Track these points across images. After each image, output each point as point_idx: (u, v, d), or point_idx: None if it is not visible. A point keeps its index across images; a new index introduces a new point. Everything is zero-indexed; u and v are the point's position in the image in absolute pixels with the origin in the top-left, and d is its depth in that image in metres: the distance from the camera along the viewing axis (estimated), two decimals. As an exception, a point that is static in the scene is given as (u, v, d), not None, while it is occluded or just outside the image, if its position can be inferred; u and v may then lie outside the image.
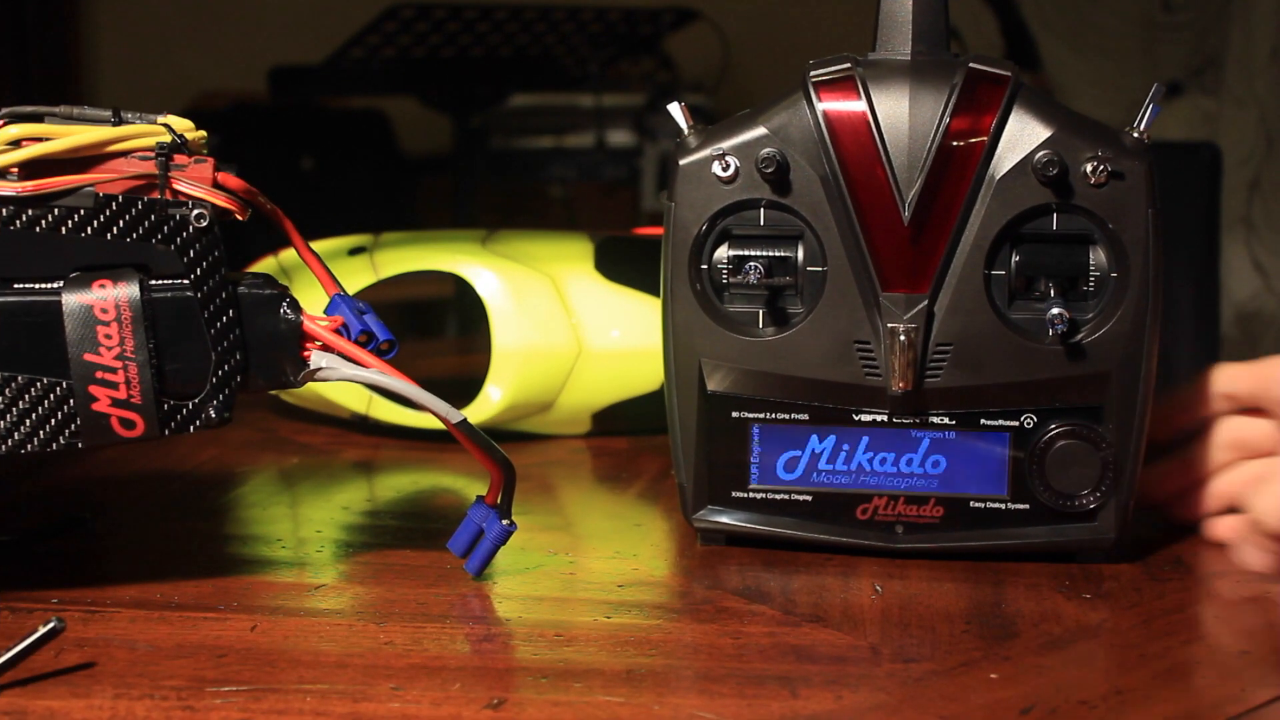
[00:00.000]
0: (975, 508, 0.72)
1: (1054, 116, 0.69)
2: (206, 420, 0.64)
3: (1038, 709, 0.56)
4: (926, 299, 0.69)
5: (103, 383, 0.62)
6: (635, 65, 2.44)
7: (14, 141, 0.62)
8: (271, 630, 0.63)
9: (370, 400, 0.95)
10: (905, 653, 0.61)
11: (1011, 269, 0.70)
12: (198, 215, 0.63)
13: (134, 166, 0.63)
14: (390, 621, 0.64)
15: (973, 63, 0.69)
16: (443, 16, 2.21)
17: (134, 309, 0.62)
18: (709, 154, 0.70)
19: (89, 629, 0.63)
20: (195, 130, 0.65)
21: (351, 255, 0.99)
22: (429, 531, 0.78)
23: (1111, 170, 0.68)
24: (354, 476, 0.91)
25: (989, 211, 0.69)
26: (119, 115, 0.64)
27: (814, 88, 0.70)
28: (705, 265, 0.72)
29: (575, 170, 2.41)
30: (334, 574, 0.72)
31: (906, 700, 0.57)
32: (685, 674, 0.59)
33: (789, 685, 0.58)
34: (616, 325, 0.94)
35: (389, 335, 0.67)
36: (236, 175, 0.65)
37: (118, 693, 0.56)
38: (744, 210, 0.71)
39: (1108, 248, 0.69)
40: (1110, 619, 0.66)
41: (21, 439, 0.63)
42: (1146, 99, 0.69)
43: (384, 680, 0.58)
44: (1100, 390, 0.70)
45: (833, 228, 0.70)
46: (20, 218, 0.62)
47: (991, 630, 0.64)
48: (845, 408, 0.71)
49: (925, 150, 0.68)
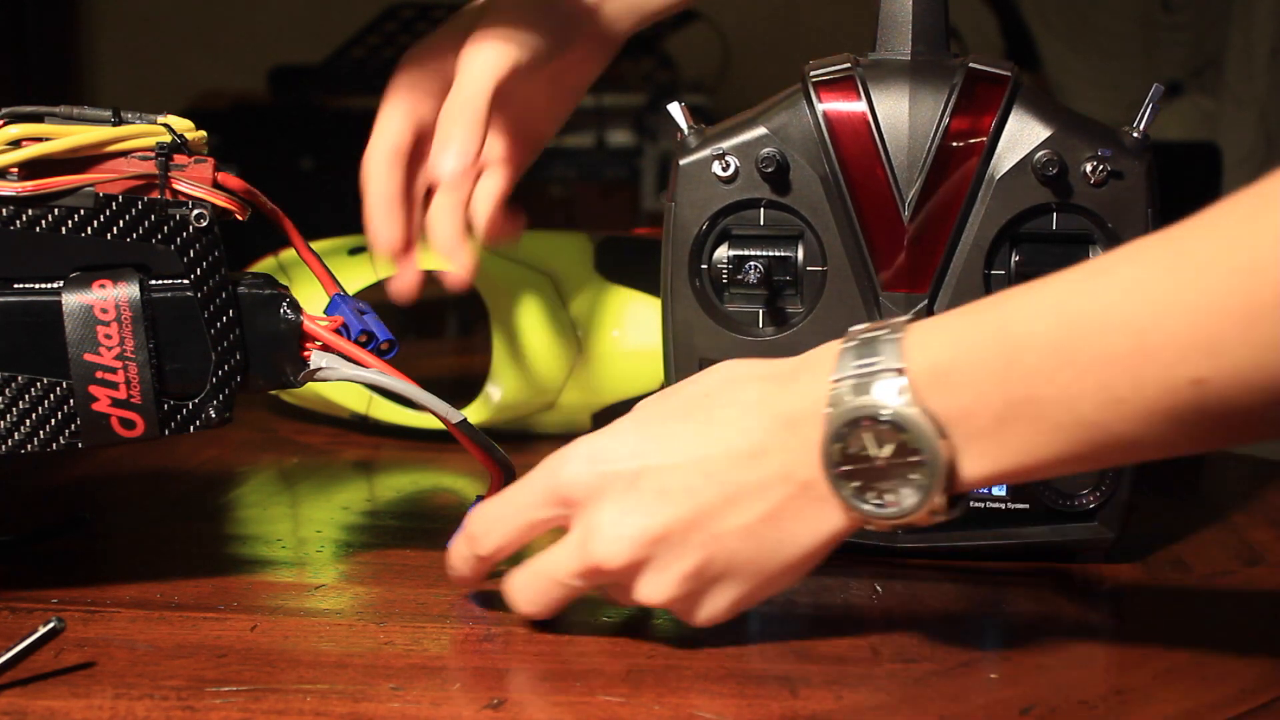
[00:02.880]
0: (975, 507, 0.71)
1: (1054, 116, 0.69)
2: (206, 420, 0.64)
3: (1038, 709, 0.56)
4: (926, 299, 0.69)
5: (103, 383, 0.62)
6: (635, 65, 2.44)
7: (14, 141, 0.62)
8: (271, 630, 0.63)
9: (370, 400, 0.95)
10: (905, 653, 0.61)
11: (1011, 269, 0.70)
12: (198, 215, 0.63)
13: (134, 166, 0.63)
14: (390, 621, 0.64)
15: (973, 63, 0.69)
16: (442, 16, 2.21)
17: (134, 309, 0.62)
18: (709, 154, 0.70)
19: (89, 629, 0.63)
20: (195, 130, 0.65)
21: (351, 255, 0.99)
22: (429, 531, 0.78)
23: (1111, 170, 0.68)
24: (354, 476, 0.91)
25: (989, 211, 0.69)
26: (119, 115, 0.64)
27: (814, 88, 0.70)
28: (705, 265, 0.72)
29: (575, 170, 2.40)
30: (334, 574, 0.72)
31: (906, 700, 0.57)
32: (685, 674, 0.59)
33: (789, 685, 0.58)
34: (616, 325, 0.94)
35: (389, 335, 0.67)
36: (237, 175, 0.65)
37: (118, 693, 0.56)
38: (744, 210, 0.71)
39: (1107, 247, 0.69)
40: (1110, 619, 0.66)
41: (21, 439, 0.63)
42: (1146, 99, 0.69)
43: (384, 680, 0.58)
44: (1100, 390, 0.70)
45: (833, 227, 0.70)
46: (20, 218, 0.62)
47: (991, 630, 0.64)
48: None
49: (925, 150, 0.68)
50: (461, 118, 0.76)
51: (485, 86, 0.77)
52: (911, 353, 0.55)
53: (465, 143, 0.76)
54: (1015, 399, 0.53)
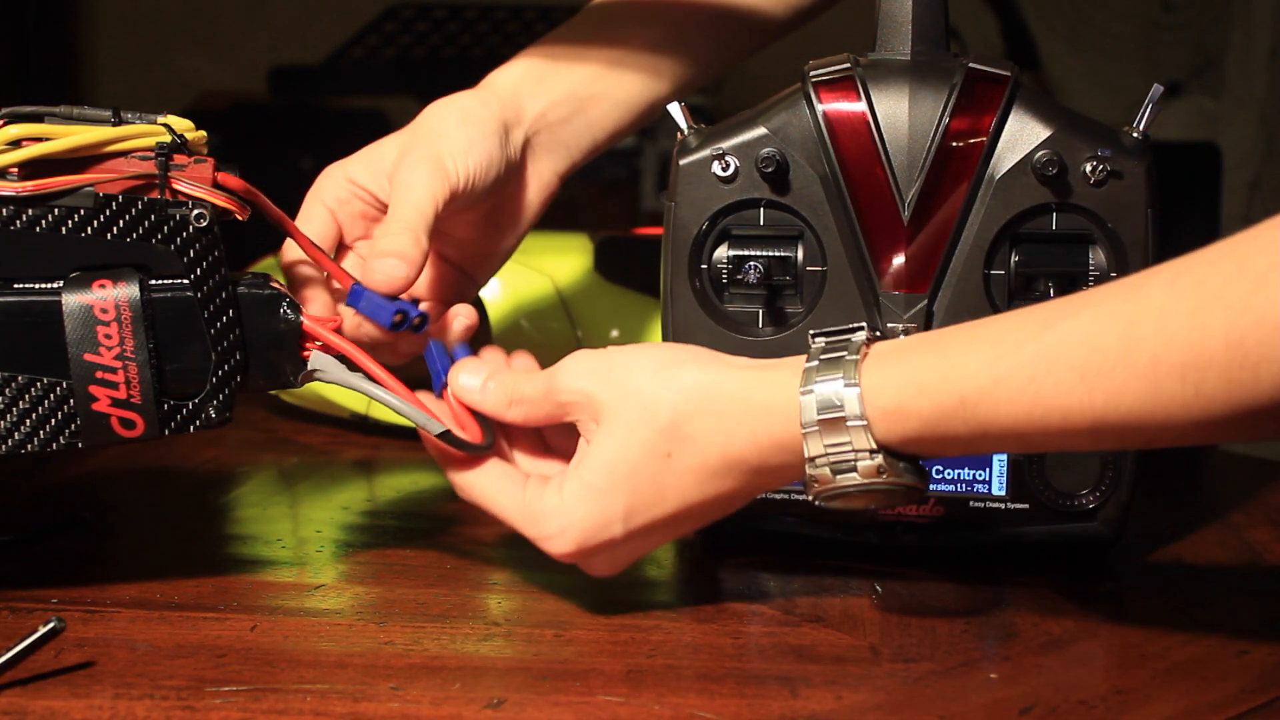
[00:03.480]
0: (975, 507, 0.71)
1: (1054, 116, 0.69)
2: (207, 420, 0.64)
3: (1038, 709, 0.56)
4: (926, 299, 0.69)
5: (103, 383, 0.62)
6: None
7: (14, 141, 0.62)
8: (271, 630, 0.63)
9: (370, 400, 0.95)
10: (905, 653, 0.61)
11: (1011, 268, 0.70)
12: (198, 215, 0.63)
13: (134, 166, 0.63)
14: (390, 621, 0.64)
15: (972, 63, 0.69)
16: (443, 16, 2.21)
17: (134, 309, 0.62)
18: (709, 154, 0.70)
19: (89, 629, 0.63)
20: (195, 130, 0.65)
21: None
22: (429, 531, 0.78)
23: (1111, 170, 0.68)
24: (354, 476, 0.91)
25: (988, 211, 0.69)
26: (119, 115, 0.64)
27: (814, 88, 0.70)
28: (705, 265, 0.72)
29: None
30: (334, 574, 0.72)
31: (906, 700, 0.57)
32: (685, 674, 0.59)
33: (789, 685, 0.58)
34: (616, 325, 0.94)
35: (418, 311, 0.69)
36: (237, 175, 0.65)
37: (118, 693, 0.56)
38: (744, 210, 0.71)
39: (1107, 247, 0.69)
40: (1110, 619, 0.66)
41: (22, 439, 0.63)
42: (1146, 99, 0.69)
43: (384, 680, 0.58)
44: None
45: (832, 228, 0.70)
46: (20, 218, 0.62)
47: (991, 630, 0.64)
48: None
49: (925, 150, 0.68)
50: (404, 235, 0.69)
51: (427, 211, 0.70)
52: (869, 400, 0.58)
53: (413, 259, 0.69)
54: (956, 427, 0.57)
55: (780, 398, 0.60)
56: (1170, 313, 0.52)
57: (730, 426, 0.60)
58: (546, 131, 0.77)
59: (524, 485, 0.65)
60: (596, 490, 0.62)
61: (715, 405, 0.61)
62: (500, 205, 0.76)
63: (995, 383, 0.56)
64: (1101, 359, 0.53)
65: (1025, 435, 0.56)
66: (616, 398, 0.62)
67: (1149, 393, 0.52)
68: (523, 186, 0.77)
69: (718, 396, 0.61)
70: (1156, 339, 0.52)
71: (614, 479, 0.61)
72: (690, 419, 0.61)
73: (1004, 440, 0.57)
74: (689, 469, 0.61)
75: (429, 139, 0.73)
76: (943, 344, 0.58)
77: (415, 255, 0.69)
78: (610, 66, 0.79)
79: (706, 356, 0.63)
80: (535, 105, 0.77)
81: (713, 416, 0.61)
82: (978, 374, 0.56)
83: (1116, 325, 0.53)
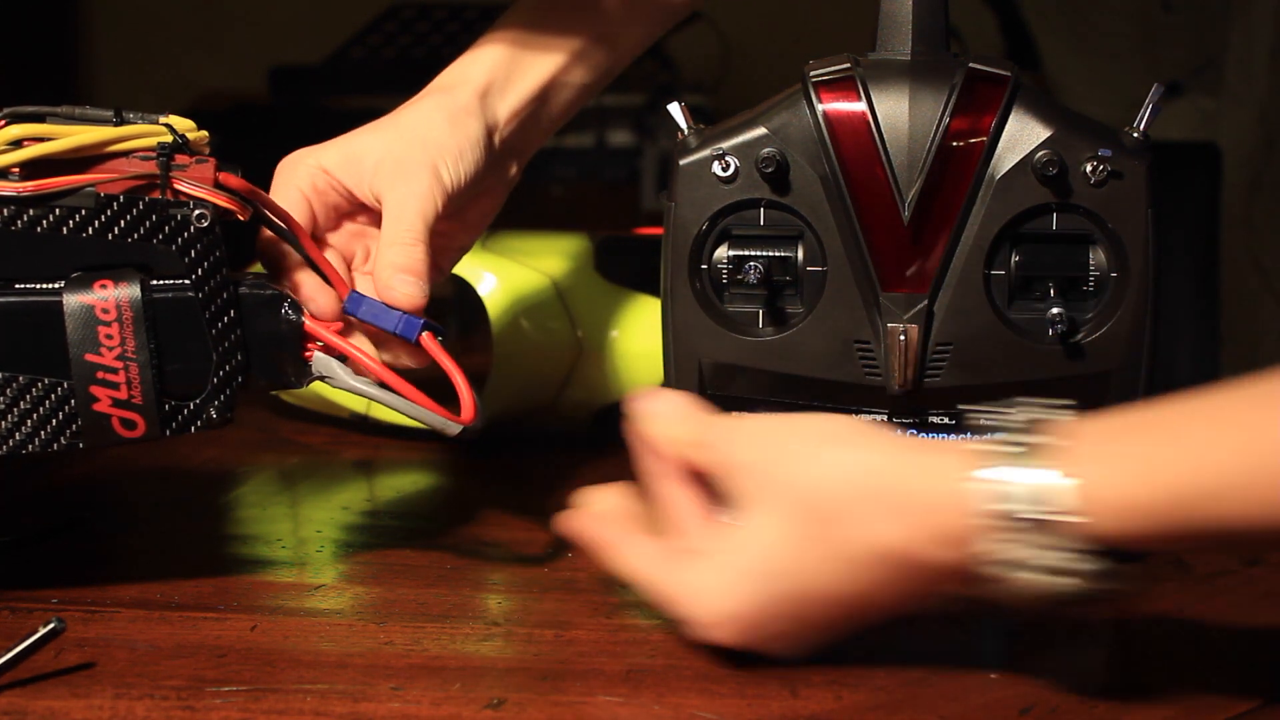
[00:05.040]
0: (975, 508, 0.71)
1: (1054, 116, 0.69)
2: (208, 421, 0.64)
3: (1038, 709, 0.56)
4: (926, 299, 0.69)
5: (104, 383, 0.62)
6: (635, 65, 2.43)
7: (15, 141, 0.62)
8: (271, 630, 0.63)
9: (370, 400, 0.95)
10: (905, 653, 0.61)
11: (1011, 269, 0.70)
12: (199, 215, 0.63)
13: (135, 166, 0.63)
14: (390, 621, 0.64)
15: (973, 63, 0.69)
16: (443, 16, 2.21)
17: (135, 309, 0.62)
18: (709, 154, 0.70)
19: (89, 629, 0.63)
20: (197, 130, 0.65)
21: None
22: (429, 531, 0.78)
23: (1111, 170, 0.68)
24: (354, 476, 0.91)
25: (989, 211, 0.69)
26: (120, 115, 0.64)
27: (814, 88, 0.70)
28: (705, 265, 0.72)
29: (575, 170, 2.40)
30: (334, 574, 0.72)
31: (906, 700, 0.57)
32: (685, 674, 0.59)
33: (789, 685, 0.58)
34: (616, 325, 0.94)
35: (426, 321, 0.69)
36: (239, 175, 0.65)
37: (118, 693, 0.56)
38: (744, 210, 0.71)
39: (1107, 247, 0.69)
40: (1110, 619, 0.66)
41: (23, 439, 0.63)
42: (1146, 99, 0.69)
43: (384, 680, 0.58)
44: (1100, 390, 0.70)
45: (833, 228, 0.70)
46: (21, 218, 0.62)
47: (991, 630, 0.64)
48: (845, 407, 0.71)
49: (925, 150, 0.68)
50: (417, 249, 0.70)
51: (430, 221, 0.72)
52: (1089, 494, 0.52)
53: (426, 274, 0.70)
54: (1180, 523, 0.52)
55: (950, 486, 0.54)
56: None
57: (884, 537, 0.55)
58: (518, 130, 0.78)
59: (675, 561, 0.60)
60: (753, 576, 0.57)
61: (872, 491, 0.56)
62: (472, 203, 0.77)
63: (1247, 474, 0.50)
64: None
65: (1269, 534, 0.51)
66: (779, 484, 0.57)
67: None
68: (494, 184, 0.78)
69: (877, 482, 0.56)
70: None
71: (769, 567, 0.57)
72: (849, 504, 0.56)
73: (1249, 539, 0.52)
74: (839, 557, 0.56)
75: (422, 146, 0.73)
76: (1172, 427, 0.52)
77: (427, 269, 0.70)
78: (569, 53, 0.80)
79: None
80: (508, 106, 0.78)
81: (869, 504, 0.55)
82: (1224, 464, 0.50)
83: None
